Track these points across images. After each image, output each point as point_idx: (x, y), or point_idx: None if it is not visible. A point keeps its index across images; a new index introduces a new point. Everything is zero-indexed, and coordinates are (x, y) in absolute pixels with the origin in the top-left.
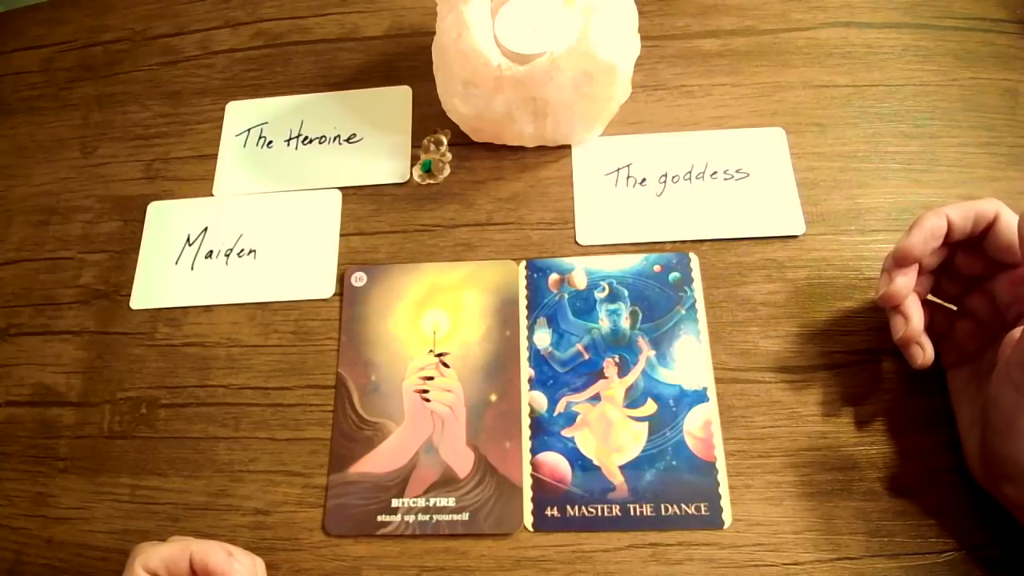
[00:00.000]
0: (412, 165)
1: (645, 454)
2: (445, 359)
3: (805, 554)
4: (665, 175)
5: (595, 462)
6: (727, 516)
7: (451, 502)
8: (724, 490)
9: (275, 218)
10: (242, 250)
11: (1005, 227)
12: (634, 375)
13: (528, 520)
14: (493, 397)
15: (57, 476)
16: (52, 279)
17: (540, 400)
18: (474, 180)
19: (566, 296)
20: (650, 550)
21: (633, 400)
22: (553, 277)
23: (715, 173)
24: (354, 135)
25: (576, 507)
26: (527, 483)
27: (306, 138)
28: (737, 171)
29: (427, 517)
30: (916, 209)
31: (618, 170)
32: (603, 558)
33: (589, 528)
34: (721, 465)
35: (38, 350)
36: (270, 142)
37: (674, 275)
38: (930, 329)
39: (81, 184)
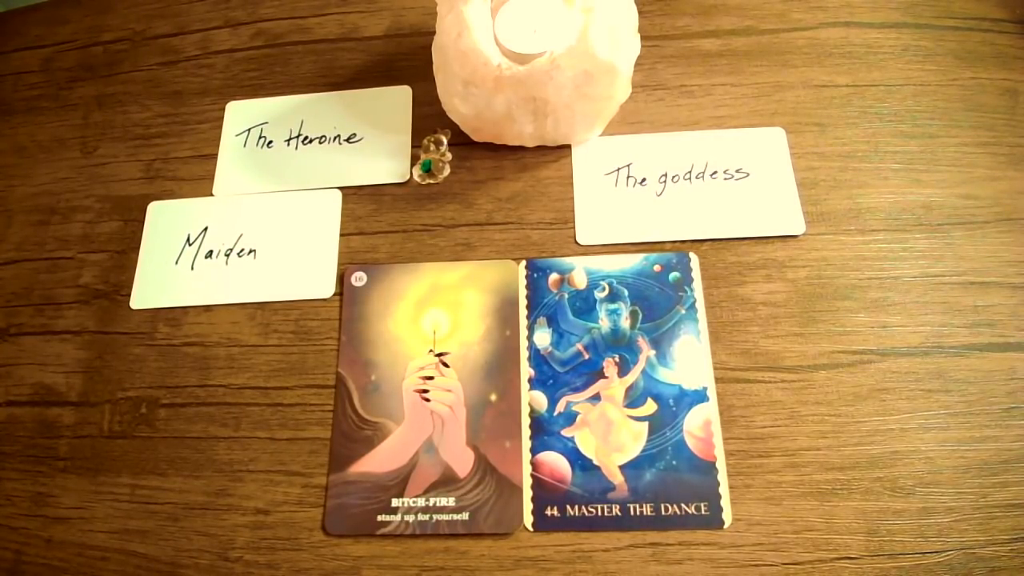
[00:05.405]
0: (412, 165)
1: (645, 454)
2: (445, 359)
3: (805, 554)
4: (665, 175)
5: (595, 462)
6: (727, 516)
7: (451, 502)
8: (724, 490)
9: (275, 218)
10: (242, 250)
11: None
12: (634, 375)
13: (528, 520)
14: (493, 397)
15: (57, 476)
16: (52, 279)
17: (540, 400)
18: (474, 180)
19: (566, 296)
20: (650, 550)
21: (633, 400)
22: (553, 277)
23: (715, 173)
24: (354, 135)
25: (576, 507)
26: (527, 483)
27: (306, 138)
28: (737, 171)
29: (427, 517)
30: (916, 209)
31: (618, 170)
32: (603, 558)
33: (589, 528)
34: (721, 465)
35: (38, 350)
36: (270, 142)
37: (674, 275)
38: None
39: (81, 184)
